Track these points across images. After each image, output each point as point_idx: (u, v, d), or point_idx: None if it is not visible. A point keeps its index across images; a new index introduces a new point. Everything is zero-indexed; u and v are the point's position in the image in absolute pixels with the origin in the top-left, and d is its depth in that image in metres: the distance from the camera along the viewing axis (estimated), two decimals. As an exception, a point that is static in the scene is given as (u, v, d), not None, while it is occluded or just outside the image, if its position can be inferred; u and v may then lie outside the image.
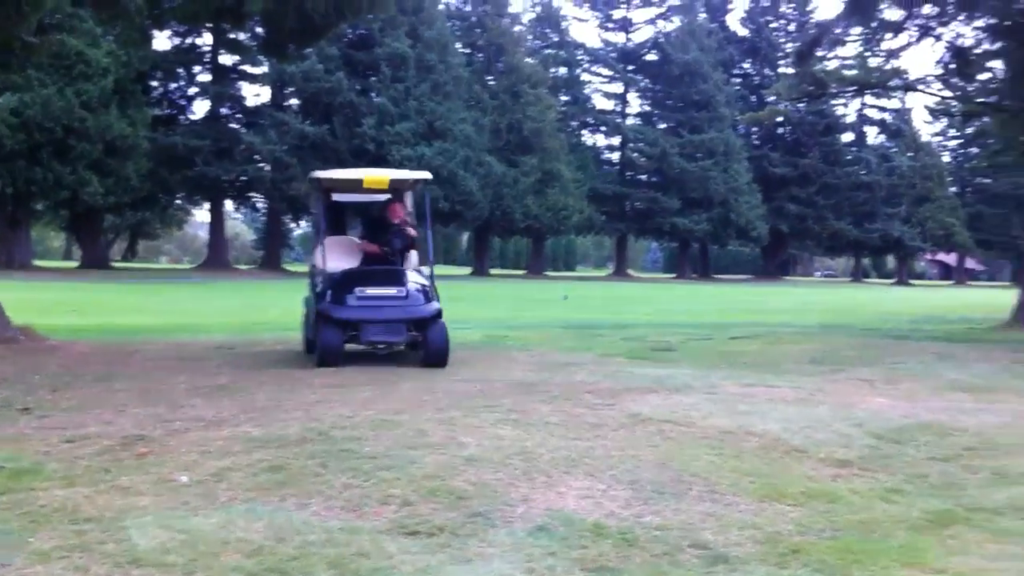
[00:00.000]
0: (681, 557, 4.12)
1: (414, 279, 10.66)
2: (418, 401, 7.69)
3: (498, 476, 5.32)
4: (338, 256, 10.99)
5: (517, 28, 66.15)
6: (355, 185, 11.11)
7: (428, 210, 11.87)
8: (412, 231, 11.39)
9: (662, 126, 72.95)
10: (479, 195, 52.74)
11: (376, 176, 10.88)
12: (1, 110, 37.17)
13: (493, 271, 66.19)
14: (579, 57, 74.35)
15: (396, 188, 11.42)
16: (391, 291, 10.25)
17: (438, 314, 10.28)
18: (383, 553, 4.04)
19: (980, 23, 20.28)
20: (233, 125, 53.94)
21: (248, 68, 53.48)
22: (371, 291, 10.16)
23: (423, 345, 10.25)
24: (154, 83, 51.63)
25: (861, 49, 27.14)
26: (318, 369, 9.84)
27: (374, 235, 11.32)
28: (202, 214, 67.37)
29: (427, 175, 11.63)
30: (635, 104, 77.76)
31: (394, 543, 4.17)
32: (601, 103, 76.54)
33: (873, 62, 26.09)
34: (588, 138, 75.62)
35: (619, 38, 76.32)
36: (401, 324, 10.12)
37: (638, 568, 3.96)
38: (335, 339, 10.01)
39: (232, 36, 46.21)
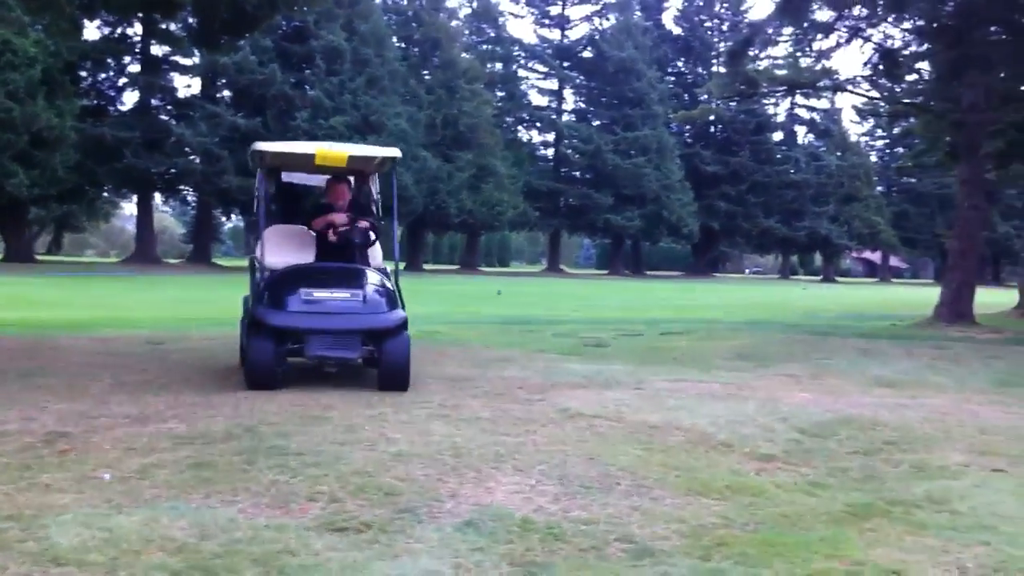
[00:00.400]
0: (608, 551, 4.16)
1: (375, 280, 8.61)
2: (348, 397, 7.65)
3: (427, 472, 5.32)
4: (286, 248, 8.99)
5: (454, 23, 66.16)
6: (305, 161, 9.10)
7: (395, 196, 9.78)
8: (369, 222, 9.30)
9: (596, 123, 73.53)
10: (413, 190, 52.57)
11: (331, 151, 8.77)
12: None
13: (427, 266, 66.06)
14: (515, 53, 74.53)
15: (361, 169, 9.63)
16: (344, 294, 8.21)
17: (403, 324, 8.25)
18: (310, 550, 4.01)
19: (908, 25, 20.78)
20: (163, 117, 53.08)
21: (179, 59, 52.61)
22: (319, 293, 8.13)
23: (378, 362, 8.14)
24: (83, 73, 50.53)
25: (792, 49, 27.62)
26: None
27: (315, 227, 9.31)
28: (130, 207, 66.15)
29: (396, 152, 9.29)
30: (570, 101, 78.37)
31: (321, 540, 4.14)
32: (537, 99, 77.05)
33: (804, 62, 26.55)
34: (523, 134, 75.90)
35: (555, 35, 76.70)
36: (356, 336, 8.00)
37: (564, 562, 3.98)
38: (268, 352, 7.85)
39: (163, 26, 45.39)
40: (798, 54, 27.20)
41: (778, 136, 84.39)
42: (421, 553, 4.03)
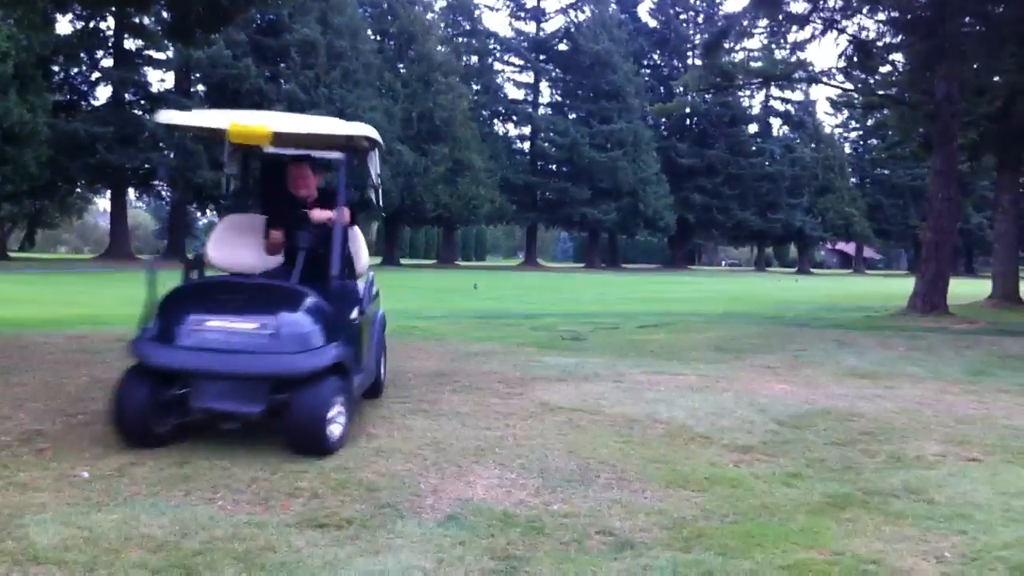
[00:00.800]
0: (588, 544, 4.18)
1: (307, 304, 6.05)
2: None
3: (408, 467, 5.33)
4: (240, 244, 7.10)
5: (429, 16, 65.89)
6: (219, 137, 6.72)
7: (342, 187, 6.67)
8: (332, 214, 6.60)
9: (573, 116, 73.49)
10: (389, 184, 52.41)
11: (248, 124, 6.09)
12: None
13: (403, 261, 65.95)
14: (491, 46, 74.38)
15: (349, 146, 6.93)
16: (250, 324, 5.81)
17: (331, 367, 5.80)
18: (290, 547, 4.01)
19: (883, 16, 20.91)
20: (137, 111, 52.62)
21: (153, 53, 52.18)
22: (216, 322, 5.81)
23: (284, 416, 5.65)
24: (55, 68, 50.03)
25: (767, 41, 27.74)
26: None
27: (278, 223, 6.93)
28: (103, 202, 65.70)
29: (368, 131, 6.83)
30: (546, 94, 78.28)
31: (302, 536, 4.14)
32: (513, 92, 76.84)
33: (779, 54, 26.68)
34: (499, 127, 75.78)
35: (530, 27, 76.60)
36: (259, 383, 5.68)
37: (546, 556, 4.00)
38: (139, 399, 5.61)
39: (137, 20, 45.09)
40: (773, 46, 27.32)
41: (753, 128, 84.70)
42: (402, 548, 4.03)
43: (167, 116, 6.49)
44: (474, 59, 71.64)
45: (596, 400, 7.69)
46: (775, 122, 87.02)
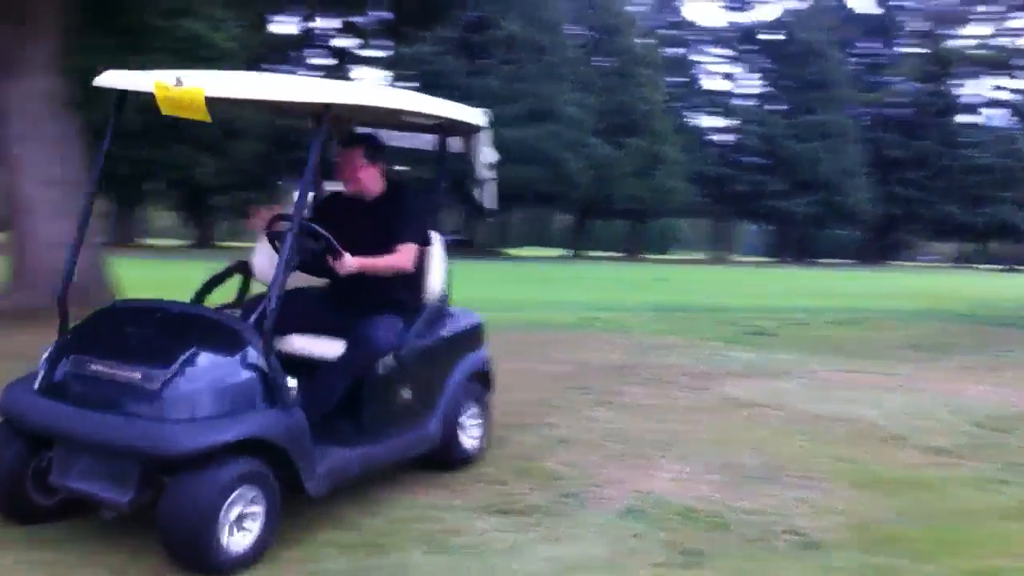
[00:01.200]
0: (772, 542, 4.14)
1: (229, 349, 3.98)
2: (510, 383, 7.74)
3: (590, 457, 5.40)
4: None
5: (632, 8, 65.65)
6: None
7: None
8: (376, 263, 4.69)
9: (776, 107, 71.42)
10: (581, 177, 52.53)
11: (178, 90, 3.98)
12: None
13: (591, 253, 66.07)
14: (692, 37, 73.52)
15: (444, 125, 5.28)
16: (132, 374, 3.84)
17: (235, 443, 3.69)
18: (474, 530, 4.14)
19: None
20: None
21: (365, 52, 54.08)
22: (98, 366, 3.95)
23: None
24: (273, 66, 52.56)
25: (991, 29, 26.27)
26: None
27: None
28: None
29: (464, 113, 5.20)
30: (749, 85, 76.33)
31: (485, 521, 4.26)
32: (713, 84, 75.49)
33: (1001, 41, 25.21)
34: (696, 119, 74.55)
35: (738, 17, 75.04)
36: (128, 462, 3.72)
37: (726, 552, 3.98)
38: (7, 461, 4.01)
39: (351, 20, 46.93)
40: (995, 32, 25.87)
41: (966, 118, 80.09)
42: (583, 537, 4.10)
43: (104, 78, 4.57)
44: (675, 51, 70.86)
45: (782, 396, 7.55)
46: (991, 111, 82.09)
